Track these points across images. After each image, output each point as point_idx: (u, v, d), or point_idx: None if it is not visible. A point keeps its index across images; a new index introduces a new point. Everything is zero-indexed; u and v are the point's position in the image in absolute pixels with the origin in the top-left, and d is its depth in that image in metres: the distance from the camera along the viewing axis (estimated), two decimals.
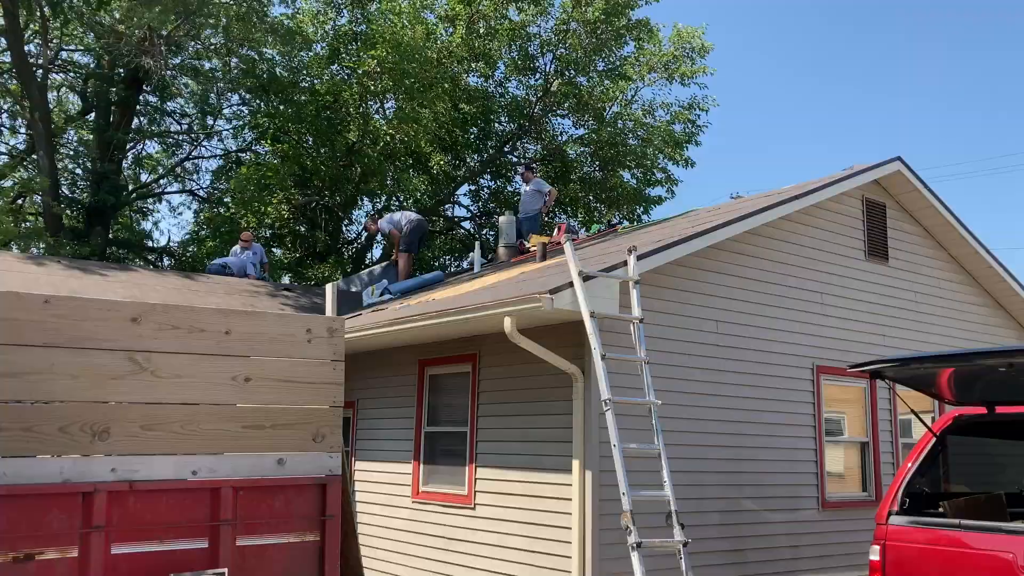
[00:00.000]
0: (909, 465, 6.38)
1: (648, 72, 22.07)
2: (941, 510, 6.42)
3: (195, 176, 25.11)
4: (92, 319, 4.80)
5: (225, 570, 4.78)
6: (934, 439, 6.49)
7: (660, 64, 21.97)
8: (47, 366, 4.62)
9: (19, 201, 22.39)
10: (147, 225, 26.59)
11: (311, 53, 21.02)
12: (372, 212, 21.72)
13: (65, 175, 21.92)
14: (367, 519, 10.10)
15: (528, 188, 15.06)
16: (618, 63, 22.18)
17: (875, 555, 6.10)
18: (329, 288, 5.58)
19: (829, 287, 9.79)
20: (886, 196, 10.74)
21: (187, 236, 25.06)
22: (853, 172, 10.21)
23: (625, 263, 7.65)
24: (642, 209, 23.39)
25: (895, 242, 10.67)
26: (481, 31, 21.47)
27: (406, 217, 14.95)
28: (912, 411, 6.93)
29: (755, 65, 72.51)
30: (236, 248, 16.47)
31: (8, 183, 21.47)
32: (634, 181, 23.11)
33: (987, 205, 65.25)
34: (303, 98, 20.01)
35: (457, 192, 23.95)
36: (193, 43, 19.52)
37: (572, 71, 21.79)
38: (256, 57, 20.14)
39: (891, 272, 10.53)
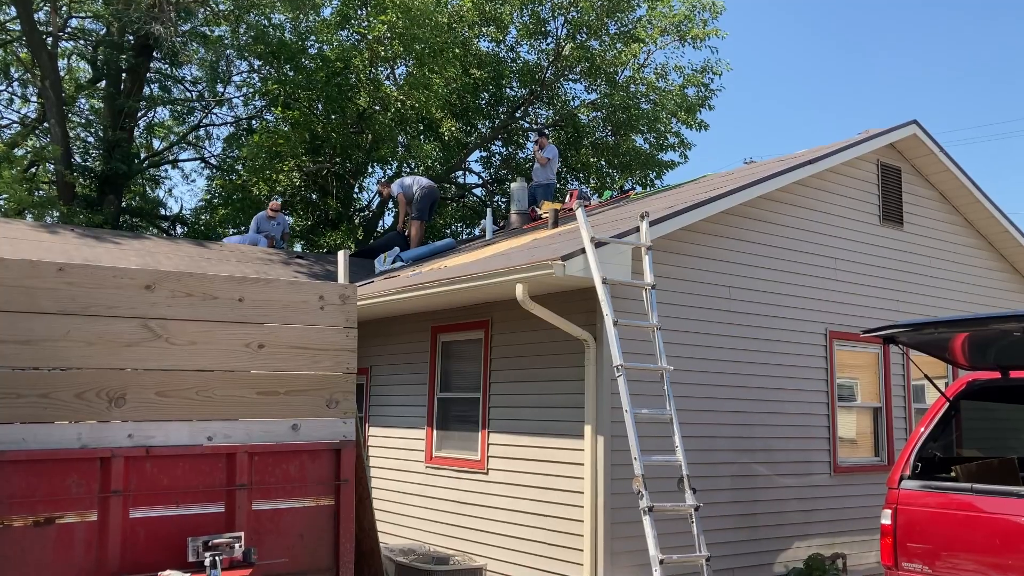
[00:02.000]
0: (922, 430, 6.38)
1: (660, 34, 21.78)
2: (953, 474, 6.42)
3: (206, 143, 25.11)
4: (106, 287, 4.84)
5: (241, 534, 4.85)
6: (947, 404, 6.48)
7: (672, 26, 21.68)
8: (63, 333, 4.67)
9: (32, 170, 22.45)
10: (160, 193, 26.64)
11: (320, 18, 20.84)
12: (382, 178, 21.64)
13: (77, 143, 21.93)
14: (381, 484, 10.21)
15: (541, 154, 15.03)
16: (630, 25, 21.90)
17: (887, 519, 6.12)
18: (341, 255, 5.58)
19: (843, 252, 9.72)
20: (901, 160, 10.62)
21: (200, 204, 25.12)
22: (868, 136, 10.09)
23: (637, 229, 7.62)
24: (655, 174, 23.22)
25: (910, 206, 10.57)
26: None
27: (418, 183, 14.89)
28: (926, 376, 6.92)
29: (768, 31, 71.56)
30: (262, 214, 16.29)
31: (21, 152, 21.52)
32: (647, 146, 22.93)
33: (998, 170, 64.51)
34: (313, 64, 19.88)
35: (468, 159, 23.84)
36: (202, 9, 19.38)
37: (584, 34, 21.54)
38: (265, 23, 19.99)
39: (906, 237, 10.45)
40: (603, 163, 22.91)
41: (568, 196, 14.45)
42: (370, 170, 23.03)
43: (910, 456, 6.22)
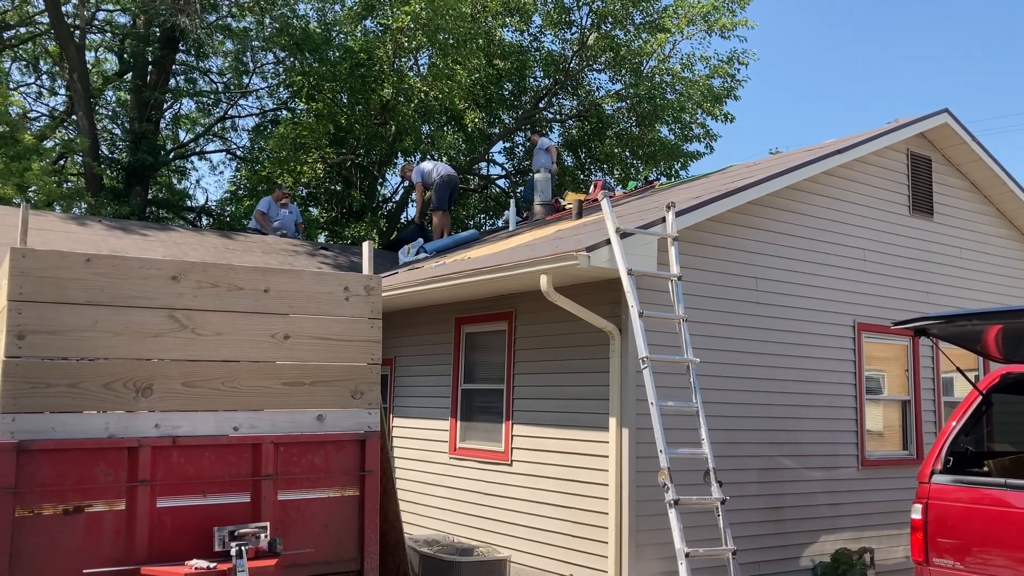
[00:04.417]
0: (954, 424, 6.27)
1: (687, 25, 21.58)
2: (986, 469, 6.32)
3: (232, 134, 25.26)
4: (133, 277, 4.86)
5: (267, 524, 4.86)
6: (980, 397, 6.36)
7: (699, 16, 21.47)
8: (90, 324, 4.70)
9: (61, 162, 22.69)
10: (187, 184, 26.86)
11: (344, 7, 20.86)
12: (409, 160, 21.56)
13: (104, 135, 22.13)
14: (405, 475, 10.23)
15: (543, 149, 15.12)
16: (656, 16, 21.72)
17: (917, 514, 6.03)
18: (366, 246, 5.56)
19: (872, 243, 9.59)
20: (932, 150, 10.45)
21: (226, 195, 25.28)
22: (898, 125, 9.93)
23: (663, 219, 7.55)
24: (680, 165, 23.05)
25: (941, 196, 10.41)
26: None
27: (437, 171, 14.82)
28: (958, 368, 6.80)
29: (795, 18, 70.77)
30: (270, 198, 16.41)
31: (50, 144, 21.75)
32: (672, 136, 22.75)
33: None
34: (337, 55, 19.91)
35: (492, 150, 23.79)
36: (226, 0, 19.45)
37: (609, 24, 21.39)
38: (289, 14, 20.05)
39: (936, 227, 10.29)
40: (627, 154, 22.76)
41: (592, 187, 14.37)
42: (394, 161, 23.05)
43: (941, 450, 6.12)
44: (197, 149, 25.77)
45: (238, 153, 25.09)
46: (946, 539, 5.85)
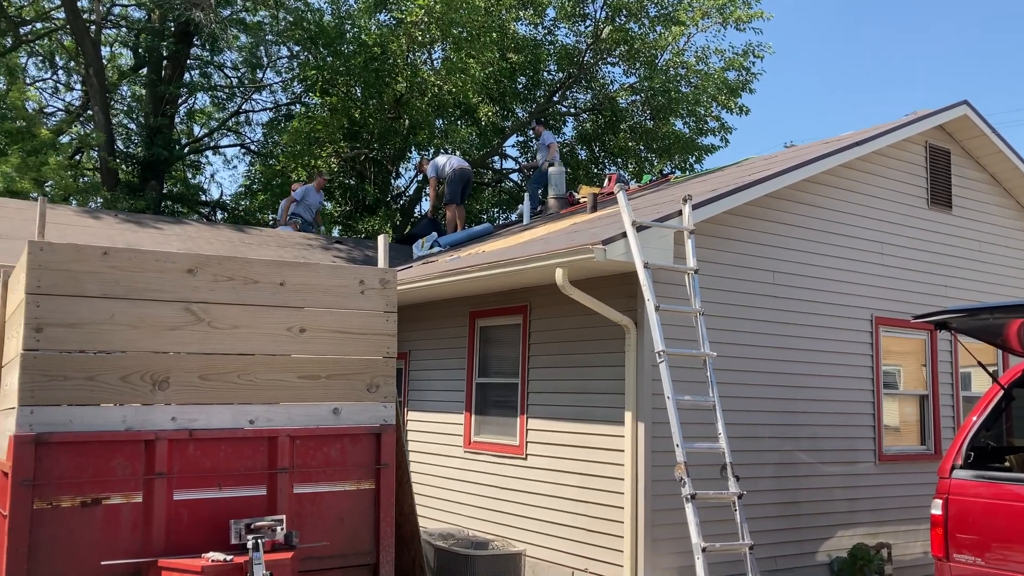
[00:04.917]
0: (974, 418, 6.21)
1: (701, 17, 21.45)
2: (1007, 464, 6.26)
3: (246, 129, 25.31)
4: (150, 270, 4.87)
5: (283, 517, 4.86)
6: (1001, 392, 6.29)
7: (714, 8, 21.33)
8: (107, 317, 4.71)
9: (77, 156, 22.80)
10: (202, 179, 26.94)
11: (358, 1, 20.83)
12: (426, 155, 21.55)
13: (120, 130, 22.23)
14: (419, 468, 10.23)
15: (544, 143, 15.08)
16: (670, 8, 21.59)
17: (937, 509, 5.97)
18: (381, 240, 5.57)
19: (889, 236, 9.51)
20: (951, 142, 10.35)
21: (240, 190, 25.35)
22: (916, 117, 9.84)
23: (679, 213, 7.50)
24: (694, 158, 22.93)
25: (959, 189, 10.31)
26: None
27: (450, 164, 14.81)
28: (979, 363, 6.72)
29: (811, 10, 70.30)
30: (310, 186, 16.33)
31: (66, 139, 21.86)
32: (686, 130, 22.64)
33: None
34: (351, 48, 19.90)
35: (505, 144, 23.73)
36: None
37: (623, 17, 21.29)
38: (303, 8, 20.06)
39: (955, 221, 10.19)
40: (641, 147, 22.67)
41: (607, 180, 14.31)
42: (408, 155, 23.04)
43: (962, 445, 6.05)
44: (211, 144, 25.86)
45: (252, 147, 25.16)
46: (966, 535, 5.80)
